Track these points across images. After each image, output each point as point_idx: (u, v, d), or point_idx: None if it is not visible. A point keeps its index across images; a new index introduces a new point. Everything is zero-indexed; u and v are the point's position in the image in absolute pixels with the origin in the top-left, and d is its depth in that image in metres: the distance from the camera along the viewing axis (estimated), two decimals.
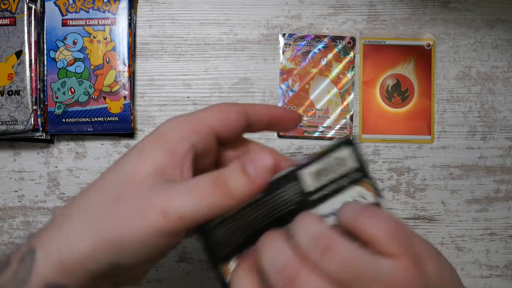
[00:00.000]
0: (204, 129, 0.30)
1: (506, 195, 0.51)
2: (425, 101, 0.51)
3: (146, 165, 0.28)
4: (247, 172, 0.27)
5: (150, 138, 0.30)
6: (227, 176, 0.27)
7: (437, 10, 0.52)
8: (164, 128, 0.30)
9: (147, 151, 0.29)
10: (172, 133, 0.29)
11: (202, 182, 0.27)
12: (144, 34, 0.51)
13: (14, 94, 0.48)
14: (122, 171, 0.29)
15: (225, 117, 0.31)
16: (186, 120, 0.30)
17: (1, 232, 0.50)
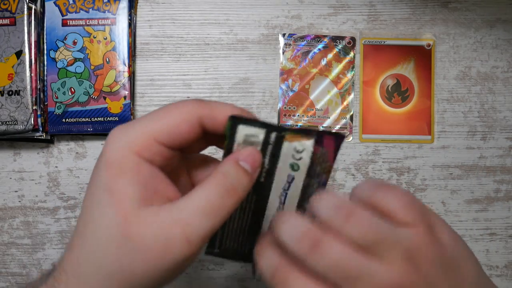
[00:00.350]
0: (149, 144, 0.28)
1: (506, 195, 0.51)
2: (425, 101, 0.51)
3: (128, 204, 0.27)
4: (244, 168, 0.28)
5: (105, 172, 0.28)
6: (228, 179, 0.28)
7: (437, 10, 0.52)
8: (110, 156, 0.28)
9: (116, 190, 0.27)
10: (122, 161, 0.28)
11: (208, 193, 0.27)
12: (144, 34, 0.51)
13: (14, 94, 0.48)
14: (106, 218, 0.27)
15: (174, 130, 0.28)
16: (128, 138, 0.28)
17: (1, 232, 0.50)
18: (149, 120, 0.29)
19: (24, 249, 0.50)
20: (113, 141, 0.28)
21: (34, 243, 0.50)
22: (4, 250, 0.50)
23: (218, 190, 0.27)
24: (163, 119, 0.29)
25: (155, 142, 0.28)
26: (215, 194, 0.27)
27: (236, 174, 0.28)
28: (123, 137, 0.28)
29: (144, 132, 0.28)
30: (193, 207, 0.27)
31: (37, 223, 0.50)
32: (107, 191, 0.27)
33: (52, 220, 0.50)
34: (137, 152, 0.28)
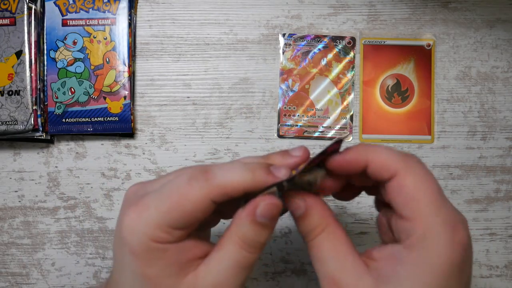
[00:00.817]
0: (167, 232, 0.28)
1: (506, 195, 0.51)
2: (425, 101, 0.51)
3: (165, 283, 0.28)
4: (261, 223, 0.29)
5: (134, 262, 0.29)
6: (248, 236, 0.29)
7: (437, 10, 0.52)
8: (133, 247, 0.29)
9: (151, 276, 0.28)
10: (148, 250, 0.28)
11: (231, 253, 0.29)
12: (144, 34, 0.51)
13: (14, 94, 0.48)
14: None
15: (189, 217, 0.28)
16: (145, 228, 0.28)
17: (1, 232, 0.50)
18: (159, 207, 0.29)
19: (24, 249, 0.50)
20: (132, 233, 0.29)
21: (34, 243, 0.50)
22: (4, 250, 0.50)
23: (241, 247, 0.29)
24: (175, 206, 0.28)
25: (172, 229, 0.29)
26: (239, 252, 0.29)
27: (254, 231, 0.29)
28: (140, 228, 0.28)
29: (159, 224, 0.28)
30: (225, 268, 0.28)
31: (37, 223, 0.50)
32: (142, 276, 0.28)
33: (52, 220, 0.50)
34: (157, 241, 0.28)
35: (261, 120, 0.51)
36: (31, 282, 0.50)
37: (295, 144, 0.51)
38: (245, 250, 0.29)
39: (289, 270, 0.50)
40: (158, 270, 0.28)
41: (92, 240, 0.50)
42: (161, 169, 0.51)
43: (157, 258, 0.28)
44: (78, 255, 0.50)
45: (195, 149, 0.51)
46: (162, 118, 0.51)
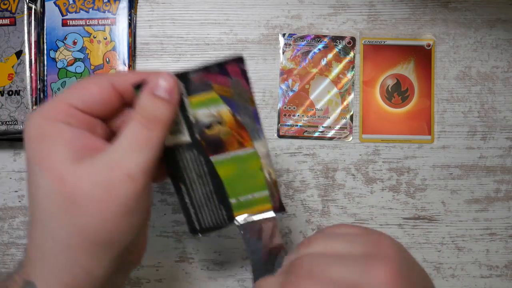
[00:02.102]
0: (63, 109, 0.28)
1: (506, 195, 0.51)
2: (425, 101, 0.51)
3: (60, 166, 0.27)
4: (161, 97, 0.29)
5: (28, 146, 0.28)
6: (147, 111, 0.28)
7: (437, 10, 0.52)
8: (28, 130, 0.28)
9: (43, 158, 0.27)
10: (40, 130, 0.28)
11: (133, 130, 0.28)
12: (144, 34, 0.51)
13: (14, 94, 0.48)
14: (44, 188, 0.27)
15: (86, 94, 0.29)
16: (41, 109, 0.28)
17: (1, 232, 0.50)
18: (64, 92, 0.29)
19: (24, 249, 0.50)
20: (29, 118, 0.28)
21: None
22: (4, 250, 0.50)
23: (141, 124, 0.28)
24: (75, 87, 0.29)
25: (70, 107, 0.28)
26: (139, 128, 0.28)
27: (154, 105, 0.28)
28: (37, 111, 0.28)
29: (58, 101, 0.28)
30: (123, 147, 0.27)
31: None
32: (36, 162, 0.27)
33: None
34: (52, 118, 0.28)
35: None
36: None
37: (295, 144, 0.51)
38: (143, 124, 0.28)
39: None
40: (51, 150, 0.27)
41: None
42: None
43: (50, 139, 0.27)
44: None
45: None
46: None
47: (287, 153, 0.51)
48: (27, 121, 0.28)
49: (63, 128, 0.28)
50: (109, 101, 0.29)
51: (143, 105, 0.28)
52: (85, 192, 0.26)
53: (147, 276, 0.50)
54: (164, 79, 0.29)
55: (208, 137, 0.32)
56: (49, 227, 0.27)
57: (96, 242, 0.27)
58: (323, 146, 0.51)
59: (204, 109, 0.31)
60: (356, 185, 0.51)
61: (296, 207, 0.50)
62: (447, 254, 0.51)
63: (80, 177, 0.26)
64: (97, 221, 0.26)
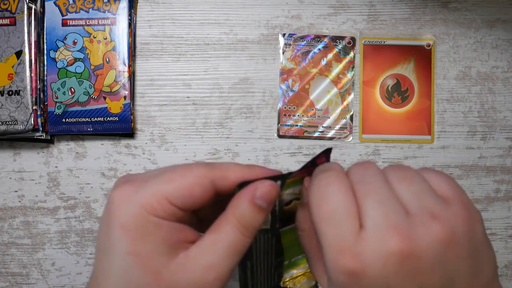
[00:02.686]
0: (163, 206, 0.28)
1: (506, 195, 0.51)
2: (425, 101, 0.51)
3: (157, 262, 0.27)
4: (260, 206, 0.28)
5: (123, 236, 0.27)
6: (246, 219, 0.28)
7: (437, 10, 0.52)
8: (124, 219, 0.28)
9: (140, 253, 0.27)
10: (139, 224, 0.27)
11: (229, 234, 0.28)
12: (144, 34, 0.51)
13: (14, 94, 0.48)
14: (136, 279, 0.27)
15: (187, 194, 0.28)
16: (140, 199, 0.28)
17: (1, 232, 0.50)
18: (159, 182, 0.28)
19: (24, 249, 0.50)
20: (124, 204, 0.28)
21: (34, 243, 0.50)
22: (4, 250, 0.50)
23: (239, 230, 0.28)
24: (175, 182, 0.28)
25: (169, 203, 0.28)
26: (235, 234, 0.28)
27: (253, 214, 0.28)
28: (135, 198, 0.28)
29: (156, 194, 0.28)
30: (219, 250, 0.28)
31: (37, 223, 0.50)
32: (131, 255, 0.27)
33: (52, 220, 0.50)
34: (153, 213, 0.27)
35: (261, 120, 0.51)
36: (31, 282, 0.50)
37: (295, 144, 0.51)
38: (241, 232, 0.28)
39: None
40: (149, 247, 0.27)
41: (92, 240, 0.50)
42: None
43: (149, 234, 0.27)
44: (78, 255, 0.50)
45: (195, 149, 0.51)
46: (162, 118, 0.51)
47: (287, 153, 0.51)
48: (120, 205, 0.28)
49: (161, 224, 0.28)
50: (206, 200, 0.29)
51: (242, 212, 0.28)
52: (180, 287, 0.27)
53: None
54: (267, 189, 0.28)
55: (284, 212, 0.32)
56: None
57: None
58: (323, 146, 0.51)
59: (289, 190, 0.31)
60: None
61: None
62: None
63: (174, 274, 0.27)
64: None
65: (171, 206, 0.28)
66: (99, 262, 0.29)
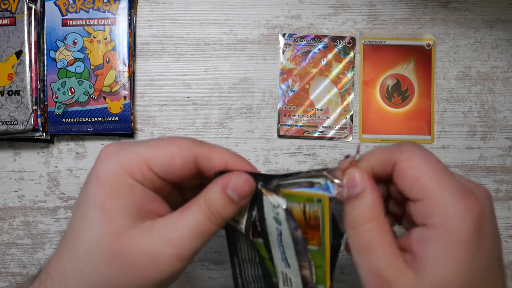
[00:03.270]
0: (142, 169, 0.28)
1: (506, 195, 0.51)
2: (425, 101, 0.51)
3: (121, 223, 0.27)
4: (231, 197, 0.28)
5: (98, 189, 0.28)
6: (215, 206, 0.28)
7: (437, 10, 0.52)
8: (103, 174, 0.28)
9: (108, 209, 0.27)
10: (115, 180, 0.28)
11: (197, 217, 0.28)
12: (144, 34, 0.51)
13: (14, 94, 0.48)
14: (98, 234, 0.27)
15: (168, 162, 0.28)
16: (121, 158, 0.28)
17: (1, 232, 0.50)
18: (144, 146, 0.29)
19: (24, 249, 0.50)
20: (107, 159, 0.29)
21: (34, 243, 0.50)
22: (4, 250, 0.50)
23: (206, 214, 0.28)
24: (159, 149, 0.29)
25: (148, 168, 0.28)
26: (203, 217, 0.28)
27: (222, 202, 0.29)
28: (117, 157, 0.28)
29: (138, 156, 0.28)
30: (183, 227, 0.28)
31: (37, 223, 0.50)
32: (100, 209, 0.28)
33: (52, 220, 0.50)
34: (130, 174, 0.28)
35: (261, 120, 0.51)
36: None
37: (295, 144, 0.51)
38: (207, 217, 0.28)
39: None
40: (118, 206, 0.27)
41: None
42: None
43: (122, 193, 0.27)
44: None
45: None
46: (162, 118, 0.51)
47: (287, 153, 0.51)
48: (104, 162, 0.28)
49: (136, 188, 0.28)
50: (186, 175, 0.29)
51: (212, 198, 0.29)
52: (133, 254, 0.27)
53: None
54: (241, 182, 0.29)
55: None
56: (84, 266, 0.28)
57: None
58: (323, 146, 0.51)
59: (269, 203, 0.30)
60: None
61: None
62: None
63: (135, 243, 0.27)
64: (130, 284, 0.27)
65: (150, 171, 0.28)
66: (73, 213, 0.29)
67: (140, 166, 0.28)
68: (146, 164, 0.28)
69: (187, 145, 0.29)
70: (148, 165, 0.28)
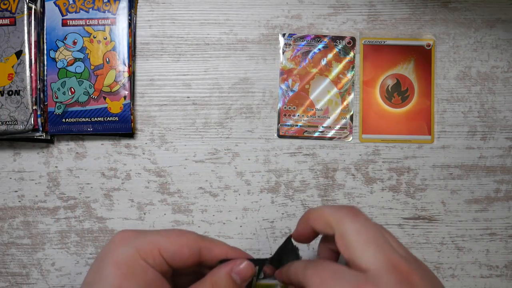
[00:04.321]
0: (154, 254, 0.32)
1: (506, 195, 0.51)
2: (425, 101, 0.51)
3: None
4: (235, 281, 0.33)
5: (114, 271, 0.31)
6: (220, 286, 0.32)
7: (437, 10, 0.52)
8: (119, 257, 0.31)
9: (124, 287, 0.30)
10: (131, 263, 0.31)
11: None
12: (144, 34, 0.51)
13: (14, 94, 0.48)
14: None
15: (177, 251, 0.33)
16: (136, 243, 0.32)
17: (1, 232, 0.50)
18: (157, 235, 0.33)
19: (24, 249, 0.50)
20: (122, 244, 0.32)
21: (34, 243, 0.50)
22: (4, 250, 0.50)
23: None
24: (171, 238, 0.33)
25: (159, 254, 0.32)
26: None
27: (226, 284, 0.33)
28: (132, 242, 0.32)
29: (152, 242, 0.32)
30: None
31: (37, 223, 0.50)
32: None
33: (52, 220, 0.50)
34: (144, 257, 0.31)
35: (261, 120, 0.51)
36: (31, 282, 0.50)
37: (295, 144, 0.51)
38: None
39: None
40: (133, 285, 0.30)
41: (92, 240, 0.50)
42: (161, 169, 0.51)
43: (137, 275, 0.30)
44: (78, 255, 0.50)
45: (195, 149, 0.51)
46: (162, 118, 0.51)
47: (287, 153, 0.51)
48: (119, 245, 0.32)
49: (148, 270, 0.31)
50: (190, 263, 0.33)
51: (218, 281, 0.33)
52: None
53: None
54: (244, 267, 0.33)
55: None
56: None
57: None
58: (323, 146, 0.51)
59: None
60: (356, 185, 0.51)
61: (296, 207, 0.50)
62: (447, 254, 0.51)
63: None
64: None
65: (161, 257, 0.32)
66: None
67: (152, 252, 0.32)
68: (158, 250, 0.32)
69: (194, 237, 0.34)
70: (160, 251, 0.32)
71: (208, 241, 0.34)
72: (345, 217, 0.31)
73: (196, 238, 0.34)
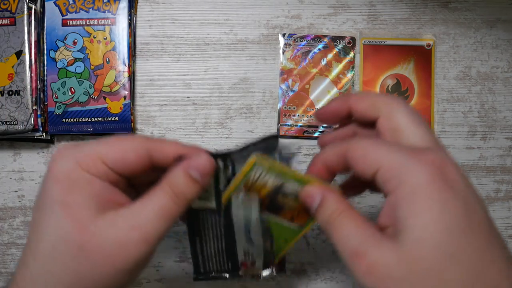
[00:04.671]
0: (95, 163, 0.29)
1: (506, 195, 0.51)
2: (425, 101, 0.51)
3: (84, 214, 0.28)
4: (193, 177, 0.30)
5: (55, 186, 0.28)
6: (178, 187, 0.30)
7: (437, 10, 0.52)
8: (59, 171, 0.29)
9: (69, 203, 0.28)
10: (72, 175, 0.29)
11: (161, 199, 0.29)
12: (144, 34, 0.51)
13: (14, 94, 0.48)
14: (62, 230, 0.28)
15: (121, 157, 0.30)
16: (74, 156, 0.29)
17: (1, 232, 0.50)
18: (97, 144, 0.30)
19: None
20: (60, 159, 0.29)
21: None
22: (4, 250, 0.50)
23: (170, 196, 0.29)
24: (112, 145, 0.30)
25: (102, 163, 0.29)
26: (167, 200, 0.29)
27: (185, 183, 0.30)
28: (71, 155, 0.29)
29: (91, 152, 0.29)
30: (148, 212, 0.29)
31: None
32: (60, 205, 0.28)
33: None
34: (85, 168, 0.29)
35: (261, 120, 0.51)
36: None
37: (295, 144, 0.51)
38: (172, 199, 0.29)
39: (289, 270, 0.50)
40: (78, 199, 0.28)
41: None
42: None
43: (80, 187, 0.28)
44: None
45: None
46: (162, 118, 0.51)
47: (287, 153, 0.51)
48: (57, 160, 0.29)
49: (93, 180, 0.29)
50: (140, 168, 0.30)
51: (175, 181, 0.30)
52: (100, 245, 0.27)
53: (148, 276, 0.50)
54: (202, 161, 0.30)
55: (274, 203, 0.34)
56: (51, 266, 0.28)
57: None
58: None
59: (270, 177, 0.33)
60: None
61: None
62: None
63: (100, 229, 0.27)
64: (101, 275, 0.27)
65: (104, 165, 0.29)
66: (32, 216, 0.29)
67: (94, 161, 0.29)
68: (100, 159, 0.29)
69: (140, 140, 0.30)
70: (102, 160, 0.29)
71: (158, 142, 0.31)
72: (393, 100, 0.30)
73: (142, 140, 0.30)
